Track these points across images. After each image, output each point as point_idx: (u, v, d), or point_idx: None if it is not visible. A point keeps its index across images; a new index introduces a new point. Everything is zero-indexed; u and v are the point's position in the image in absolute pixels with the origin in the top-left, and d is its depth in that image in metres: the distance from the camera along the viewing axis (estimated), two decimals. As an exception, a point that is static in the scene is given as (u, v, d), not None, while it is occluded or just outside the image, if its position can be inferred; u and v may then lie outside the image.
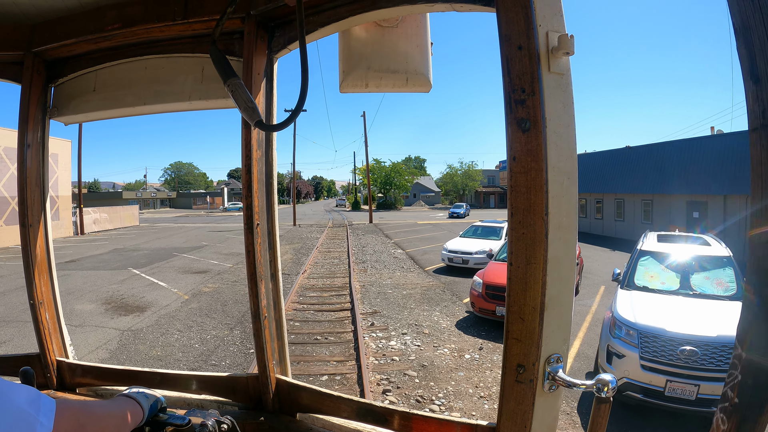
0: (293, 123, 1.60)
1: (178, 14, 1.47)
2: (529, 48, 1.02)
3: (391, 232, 28.51)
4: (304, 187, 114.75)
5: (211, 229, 31.78)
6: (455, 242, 15.16)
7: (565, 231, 1.06)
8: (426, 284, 12.29)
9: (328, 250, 19.52)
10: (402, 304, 10.11)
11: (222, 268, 14.96)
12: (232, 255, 17.99)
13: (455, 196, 78.93)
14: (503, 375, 1.10)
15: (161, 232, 29.95)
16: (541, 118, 1.01)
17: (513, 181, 1.05)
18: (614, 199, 27.51)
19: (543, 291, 1.03)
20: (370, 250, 19.56)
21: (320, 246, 20.59)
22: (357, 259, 16.55)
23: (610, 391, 0.97)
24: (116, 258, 17.35)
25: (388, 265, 15.32)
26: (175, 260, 16.71)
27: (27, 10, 1.60)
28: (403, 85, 1.55)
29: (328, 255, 17.83)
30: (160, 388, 1.64)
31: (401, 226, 33.53)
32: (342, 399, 1.46)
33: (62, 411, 0.86)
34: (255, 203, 1.45)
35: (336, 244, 21.45)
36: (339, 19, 1.36)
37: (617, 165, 26.88)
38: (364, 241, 23.30)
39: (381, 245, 21.31)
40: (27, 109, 1.68)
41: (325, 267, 15.01)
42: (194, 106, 1.64)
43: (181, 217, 54.45)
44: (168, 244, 22.48)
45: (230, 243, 22.38)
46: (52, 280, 1.82)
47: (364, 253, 18.33)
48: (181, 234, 28.20)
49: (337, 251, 18.91)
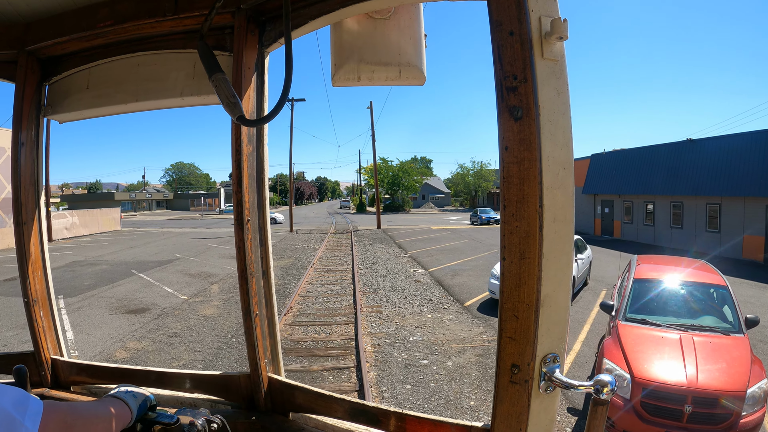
0: (291, 117, 2.88)
1: (169, 10, 1.46)
2: (520, 33, 0.98)
3: (404, 240, 24.04)
4: (308, 188, 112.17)
5: (196, 236, 28.18)
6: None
7: (561, 224, 1.01)
8: (478, 340, 7.77)
9: (326, 268, 15.19)
10: (453, 397, 5.65)
11: (172, 302, 10.68)
12: (199, 277, 13.70)
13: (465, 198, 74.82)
14: (497, 375, 1.06)
15: (139, 239, 26.78)
16: (534, 105, 0.97)
17: (505, 172, 1.00)
18: (670, 202, 23.13)
19: (538, 287, 0.99)
20: (382, 268, 15.17)
21: (317, 262, 16.21)
22: (366, 286, 12.23)
23: (608, 393, 0.93)
24: (61, 277, 13.89)
25: (410, 298, 10.95)
26: (125, 284, 13.19)
27: (20, 8, 1.60)
28: (396, 78, 1.52)
29: (327, 278, 13.51)
30: (154, 387, 1.64)
31: (414, 232, 29.08)
32: (335, 399, 1.43)
33: (49, 414, 0.86)
34: (245, 198, 1.42)
35: (338, 260, 17.13)
36: (330, 11, 1.33)
37: (674, 161, 22.46)
38: (372, 253, 18.91)
39: (395, 260, 16.95)
40: (21, 108, 1.69)
41: (319, 301, 10.62)
42: (186, 102, 1.62)
43: (172, 220, 50.57)
44: (135, 256, 19.17)
45: (207, 256, 18.27)
46: (47, 278, 1.81)
47: (375, 275, 13.99)
48: (159, 242, 24.91)
49: (339, 271, 14.54)
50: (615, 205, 27.35)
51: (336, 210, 75.05)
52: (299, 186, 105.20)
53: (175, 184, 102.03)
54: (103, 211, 35.28)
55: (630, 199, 25.99)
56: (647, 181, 24.01)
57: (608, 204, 27.87)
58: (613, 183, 26.85)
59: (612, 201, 27.55)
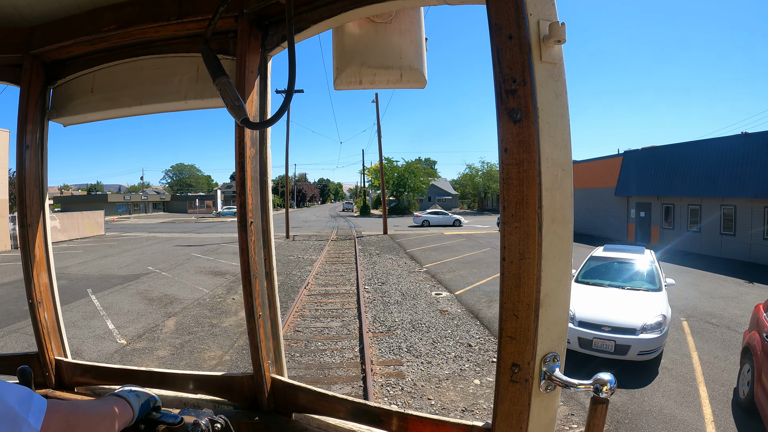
0: (287, 116, 2.81)
1: (173, 14, 1.48)
2: (519, 37, 1.00)
3: (416, 249, 20.73)
4: (310, 190, 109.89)
5: (182, 242, 25.60)
6: (587, 300, 7.63)
7: (560, 225, 1.03)
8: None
9: (324, 290, 11.79)
10: None
11: (103, 349, 7.65)
12: (158, 304, 10.69)
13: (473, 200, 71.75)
14: (497, 374, 1.07)
15: (118, 246, 23.97)
16: (532, 108, 0.99)
17: (505, 174, 1.02)
18: (720, 205, 20.01)
19: (537, 287, 1.00)
20: (395, 290, 11.77)
21: (313, 282, 12.76)
22: (376, 321, 8.93)
23: (608, 391, 0.94)
24: (5, 296, 11.58)
25: (440, 343, 7.69)
26: (66, 311, 10.12)
27: (25, 12, 1.61)
28: (398, 81, 1.53)
29: (324, 307, 10.06)
30: (157, 388, 1.65)
31: (425, 238, 25.72)
32: (337, 399, 1.44)
33: (52, 412, 0.87)
34: (249, 201, 1.44)
35: (339, 276, 13.81)
36: (331, 15, 1.34)
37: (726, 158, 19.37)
38: (381, 266, 15.65)
39: (408, 277, 13.64)
40: (26, 111, 1.70)
41: (310, 352, 7.34)
42: (190, 105, 1.63)
43: (165, 223, 47.32)
44: (102, 268, 16.25)
45: (182, 270, 15.52)
46: (51, 280, 1.82)
47: (386, 300, 10.62)
48: (138, 250, 21.99)
49: (340, 294, 11.25)
50: (653, 209, 24.07)
51: (338, 213, 70.83)
52: (301, 188, 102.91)
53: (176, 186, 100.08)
54: (84, 214, 32.12)
55: (671, 202, 22.80)
56: (692, 181, 20.82)
57: (644, 207, 24.61)
58: (651, 183, 23.60)
59: (649, 204, 24.27)
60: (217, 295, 11.46)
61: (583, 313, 7.26)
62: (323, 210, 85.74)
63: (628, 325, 6.87)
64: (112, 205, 66.12)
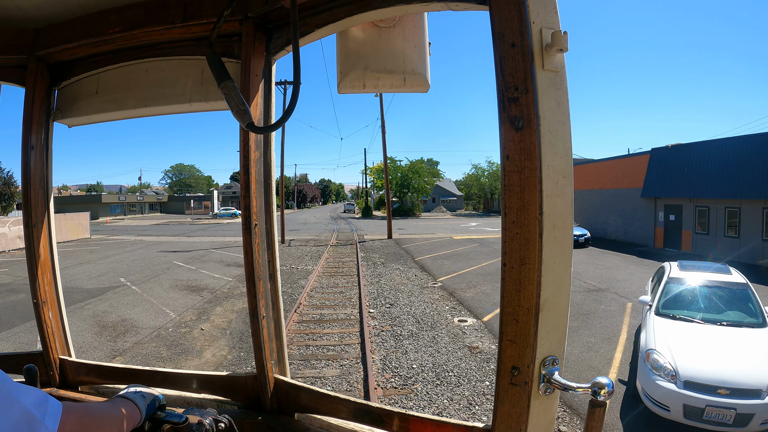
0: (283, 102, 2.95)
1: (178, 17, 1.48)
2: (522, 45, 1.00)
3: (426, 258, 18.33)
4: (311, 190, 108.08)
5: (169, 247, 23.80)
6: (686, 345, 5.53)
7: (561, 231, 1.03)
8: None
9: (319, 314, 9.43)
10: None
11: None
12: (110, 333, 8.49)
13: (479, 201, 69.50)
14: (497, 377, 1.08)
15: (98, 252, 21.92)
16: (534, 116, 0.99)
17: (506, 180, 1.03)
18: (762, 209, 18.03)
19: (538, 292, 1.01)
20: (408, 317, 9.30)
21: (305, 303, 10.44)
22: (387, 370, 6.63)
23: (606, 395, 0.95)
24: None
25: (478, 407, 5.61)
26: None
27: (30, 14, 1.61)
28: (401, 86, 1.53)
29: (317, 344, 7.69)
30: (161, 387, 1.65)
31: (434, 244, 23.08)
32: (339, 399, 1.45)
33: (67, 414, 0.88)
34: (253, 204, 1.44)
35: (337, 294, 11.45)
36: (335, 20, 1.35)
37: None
38: (387, 281, 13.27)
39: (422, 295, 11.34)
40: (31, 112, 1.70)
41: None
42: (194, 107, 1.63)
43: (158, 225, 45.10)
44: (69, 280, 13.93)
45: (157, 283, 13.54)
46: (56, 280, 1.83)
47: (399, 333, 8.24)
48: (117, 257, 19.93)
49: (338, 322, 8.89)
50: (684, 212, 21.78)
51: (339, 214, 68.20)
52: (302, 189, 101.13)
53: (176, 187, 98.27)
54: (68, 216, 29.88)
55: (705, 204, 20.53)
56: (730, 181, 18.63)
57: (674, 210, 22.29)
58: (683, 183, 21.33)
59: (680, 206, 21.94)
60: (185, 322, 9.15)
61: (688, 367, 5.10)
62: (324, 211, 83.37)
63: (751, 384, 4.84)
64: (106, 206, 63.91)
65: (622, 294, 11.79)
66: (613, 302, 10.87)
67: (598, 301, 10.90)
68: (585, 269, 15.50)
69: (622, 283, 13.05)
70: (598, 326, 8.94)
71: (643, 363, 5.53)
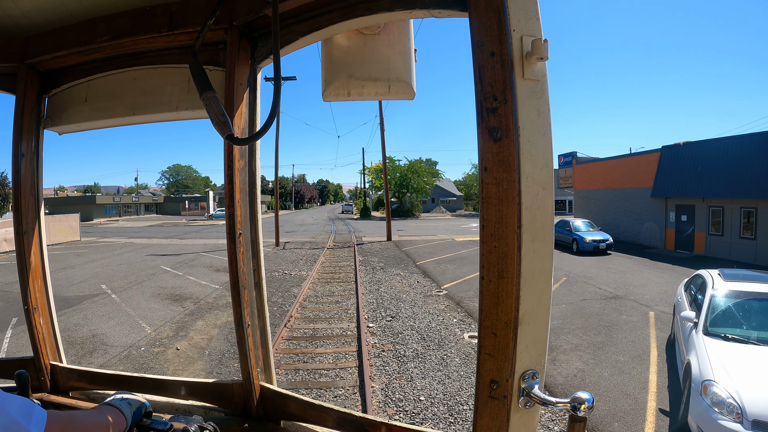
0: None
1: (163, 26, 1.48)
2: (501, 54, 0.98)
3: (428, 261, 17.31)
4: (308, 191, 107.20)
5: (158, 251, 22.60)
6: (747, 373, 4.55)
7: (540, 244, 1.02)
8: None
9: (311, 330, 8.41)
10: None
11: None
12: (80, 350, 8.05)
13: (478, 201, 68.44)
14: (476, 390, 1.07)
15: (86, 255, 20.91)
16: (513, 126, 0.98)
17: (484, 193, 1.02)
18: (785, 207, 17.04)
19: (516, 306, 1.00)
20: (412, 332, 8.22)
21: (297, 315, 9.41)
22: (391, 403, 5.66)
23: (586, 410, 0.94)
24: None
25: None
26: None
27: (21, 22, 1.62)
28: (386, 93, 1.53)
29: (308, 367, 6.66)
30: (150, 394, 1.68)
31: (435, 247, 21.98)
32: (324, 408, 1.46)
33: (51, 422, 0.90)
34: (237, 213, 1.44)
35: (332, 304, 10.45)
36: (320, 27, 1.34)
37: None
38: (387, 288, 12.27)
39: (425, 305, 10.32)
40: (21, 119, 1.72)
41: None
42: (181, 116, 1.64)
43: (152, 227, 44.06)
44: None
45: (138, 292, 12.82)
46: (46, 287, 1.85)
47: (403, 354, 7.19)
48: (105, 260, 18.99)
49: (333, 340, 7.86)
50: (697, 212, 20.85)
51: (337, 215, 66.83)
52: (299, 189, 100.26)
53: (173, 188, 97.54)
54: (57, 218, 28.87)
55: (720, 204, 19.61)
56: (746, 180, 17.76)
57: (686, 210, 21.38)
58: (695, 183, 20.42)
59: (692, 206, 21.03)
60: (160, 339, 8.11)
61: (756, 402, 4.20)
62: (322, 212, 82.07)
63: None
64: (101, 207, 62.69)
65: (641, 302, 10.91)
66: (633, 311, 9.99)
67: (619, 311, 9.99)
68: (597, 274, 14.62)
69: (639, 290, 12.20)
70: (623, 341, 8.02)
71: (699, 397, 4.56)
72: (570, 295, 11.57)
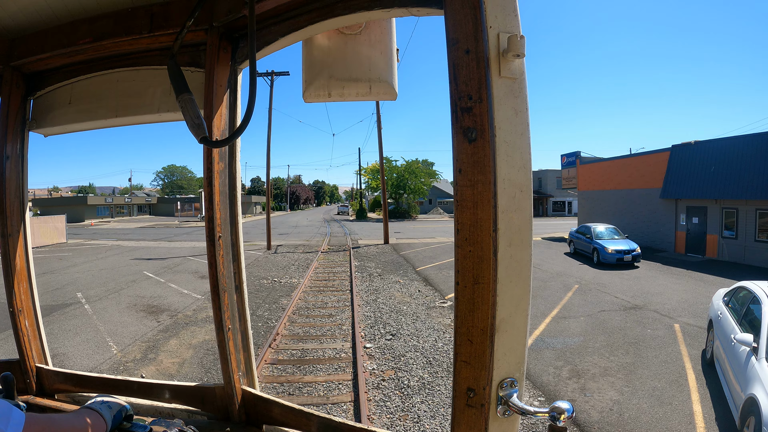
0: (270, 96, 6.05)
1: (145, 28, 1.47)
2: (477, 51, 0.96)
3: (428, 267, 16.26)
4: (304, 192, 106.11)
5: (144, 254, 21.64)
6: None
7: (518, 248, 0.98)
8: None
9: (300, 351, 7.32)
10: None
11: None
12: None
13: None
14: (453, 399, 1.05)
15: (69, 258, 19.99)
16: (488, 126, 0.95)
17: (459, 195, 0.98)
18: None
19: (493, 313, 0.97)
20: (416, 354, 7.14)
21: (284, 332, 8.32)
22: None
23: (565, 420, 0.91)
24: None
25: None
26: None
27: (6, 24, 1.61)
28: (367, 94, 1.50)
29: (294, 401, 5.47)
30: (135, 397, 1.68)
31: (435, 251, 20.86)
32: (305, 414, 1.45)
33: (30, 425, 0.90)
34: (217, 216, 1.43)
35: (325, 319, 9.24)
36: (299, 27, 1.32)
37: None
38: (386, 298, 11.15)
39: (430, 322, 9.09)
40: (6, 122, 1.71)
41: None
42: (163, 118, 1.63)
43: (143, 228, 42.86)
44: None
45: (115, 301, 11.66)
46: (32, 289, 1.85)
47: (406, 383, 6.06)
48: (88, 265, 18.05)
49: (325, 364, 6.73)
50: (709, 214, 19.96)
51: (333, 216, 65.23)
52: (295, 190, 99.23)
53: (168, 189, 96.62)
54: (42, 219, 27.73)
55: (734, 206, 18.72)
56: (762, 181, 16.98)
57: (698, 212, 20.49)
58: (707, 183, 19.54)
59: (704, 208, 20.15)
60: (125, 362, 6.96)
61: None
62: (317, 213, 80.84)
63: None
64: (92, 207, 61.11)
65: (663, 312, 10.05)
66: (657, 324, 9.12)
67: (642, 324, 9.07)
68: (611, 280, 13.72)
69: (658, 298, 11.36)
70: (655, 361, 7.10)
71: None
72: (586, 305, 10.60)
